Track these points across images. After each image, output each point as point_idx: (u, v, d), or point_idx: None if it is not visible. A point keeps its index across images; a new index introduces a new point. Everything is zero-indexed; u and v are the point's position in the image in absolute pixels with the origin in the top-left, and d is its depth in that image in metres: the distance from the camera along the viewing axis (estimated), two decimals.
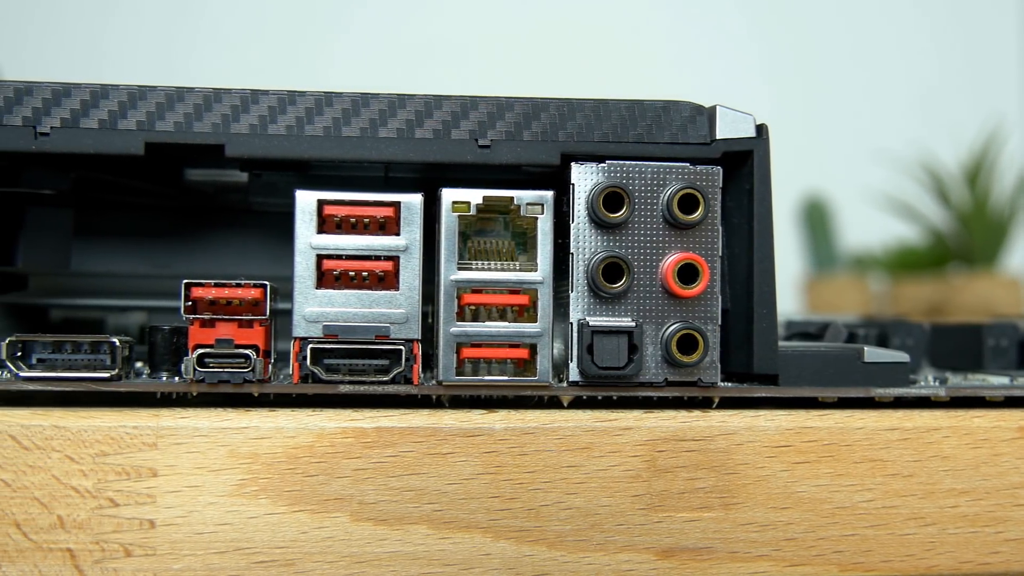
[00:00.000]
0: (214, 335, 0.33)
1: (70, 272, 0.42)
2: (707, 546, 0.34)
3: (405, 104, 0.34)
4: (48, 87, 0.33)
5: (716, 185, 0.35)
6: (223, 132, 0.34)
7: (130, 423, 0.32)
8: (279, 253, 0.43)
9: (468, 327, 0.34)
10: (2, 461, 0.32)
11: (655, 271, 0.35)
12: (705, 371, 0.35)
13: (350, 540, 0.33)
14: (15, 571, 0.32)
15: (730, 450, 0.34)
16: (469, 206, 0.34)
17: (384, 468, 0.33)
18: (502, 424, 0.33)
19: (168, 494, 0.32)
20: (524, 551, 0.33)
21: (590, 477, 0.33)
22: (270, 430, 0.33)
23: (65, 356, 0.34)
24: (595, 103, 0.35)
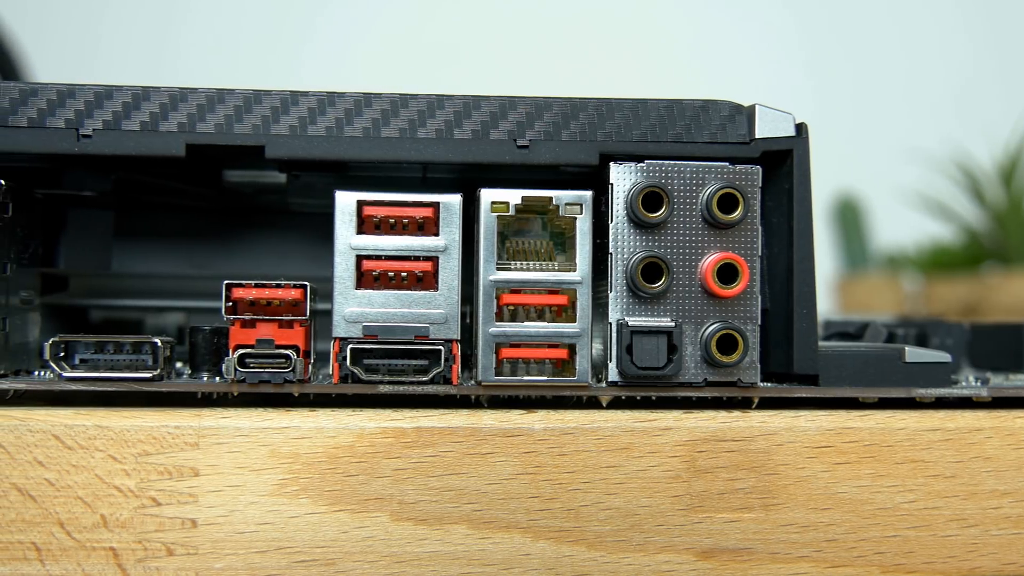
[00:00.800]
0: (255, 335, 0.33)
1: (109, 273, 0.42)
2: (747, 547, 0.34)
3: (444, 104, 0.35)
4: (90, 89, 0.34)
5: (755, 184, 0.35)
6: (263, 133, 0.34)
7: (172, 423, 0.32)
8: (317, 254, 0.43)
9: (507, 327, 0.34)
10: (46, 460, 0.32)
11: (694, 271, 0.34)
12: (745, 371, 0.35)
13: (390, 540, 0.33)
14: (59, 570, 0.32)
15: (770, 450, 0.34)
16: (508, 206, 0.34)
17: (424, 468, 0.33)
18: (541, 424, 0.33)
19: (210, 493, 0.32)
20: (564, 551, 0.33)
21: (630, 477, 0.33)
22: (311, 430, 0.33)
23: (107, 356, 0.34)
24: (633, 103, 0.35)
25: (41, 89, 0.33)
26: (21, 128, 0.33)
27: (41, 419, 0.32)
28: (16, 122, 0.33)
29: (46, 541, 0.32)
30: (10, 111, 0.33)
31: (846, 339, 0.44)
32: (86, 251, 0.40)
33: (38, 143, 0.33)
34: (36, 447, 0.32)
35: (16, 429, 0.32)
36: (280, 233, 0.44)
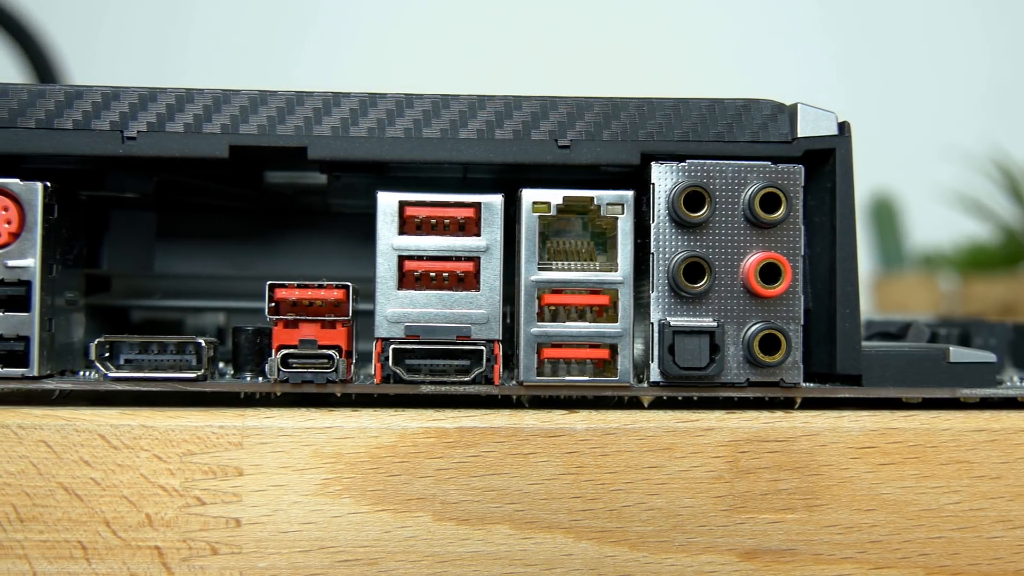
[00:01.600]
0: (297, 336, 0.34)
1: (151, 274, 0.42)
2: (790, 548, 0.34)
3: (485, 105, 0.35)
4: (135, 92, 0.34)
5: (798, 184, 0.34)
6: (305, 135, 0.34)
7: (216, 423, 0.33)
8: (357, 254, 0.43)
9: (549, 327, 0.34)
10: (92, 460, 0.32)
11: (736, 271, 0.34)
12: (787, 371, 0.35)
13: (432, 540, 0.33)
14: (105, 568, 0.32)
15: (813, 451, 0.34)
16: (549, 206, 0.34)
17: (466, 468, 0.33)
18: (583, 424, 0.33)
19: (253, 493, 0.32)
20: (606, 552, 0.33)
21: (672, 478, 0.33)
22: (353, 430, 0.33)
23: (151, 357, 0.34)
24: (675, 102, 0.35)
25: (86, 92, 0.34)
26: (67, 130, 0.34)
27: (87, 419, 0.32)
28: (62, 124, 0.34)
29: (92, 540, 0.32)
30: (56, 113, 0.34)
31: (888, 339, 0.44)
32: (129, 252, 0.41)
33: (83, 145, 0.34)
34: (82, 447, 0.32)
35: (63, 429, 0.32)
36: (320, 234, 0.44)
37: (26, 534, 0.32)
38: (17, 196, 0.33)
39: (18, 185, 0.33)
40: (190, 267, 0.44)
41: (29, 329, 0.33)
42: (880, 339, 0.44)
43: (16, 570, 0.32)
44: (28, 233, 0.33)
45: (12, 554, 0.32)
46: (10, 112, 0.34)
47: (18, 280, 0.33)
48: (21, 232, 0.33)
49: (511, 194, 0.35)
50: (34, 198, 0.33)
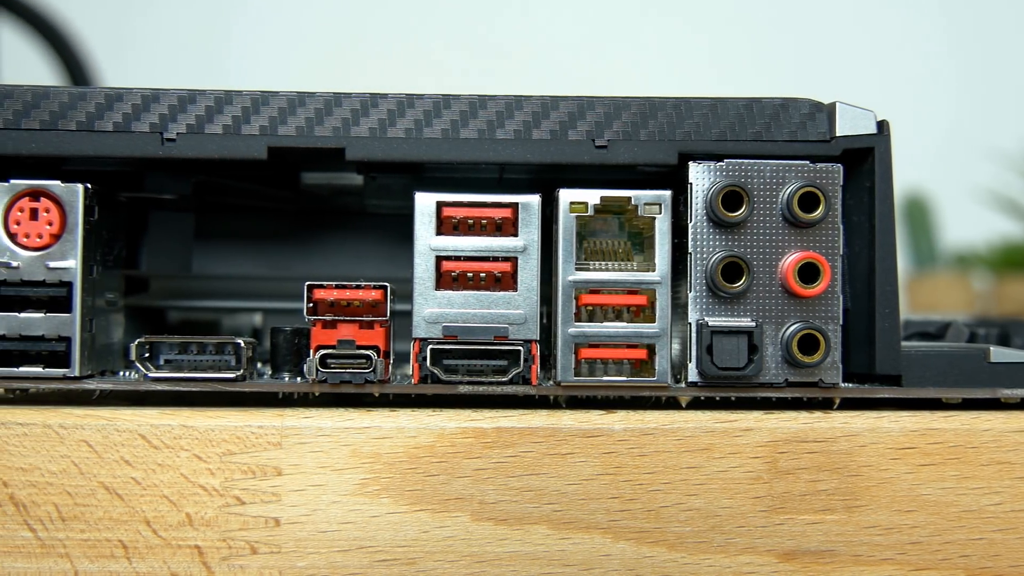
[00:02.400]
0: (336, 336, 0.34)
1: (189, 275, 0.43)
2: (829, 549, 0.33)
3: (522, 105, 0.35)
4: (174, 94, 0.34)
5: (837, 183, 0.34)
6: (343, 136, 0.34)
7: (255, 423, 0.33)
8: (393, 254, 0.43)
9: (586, 327, 0.34)
10: (132, 460, 0.33)
11: (774, 270, 0.34)
12: (826, 371, 0.34)
13: (470, 540, 0.33)
14: (145, 567, 0.32)
15: (853, 452, 0.34)
16: (586, 206, 0.34)
17: (504, 468, 0.33)
18: (621, 425, 0.33)
19: (292, 493, 0.33)
20: (644, 552, 0.33)
21: (710, 478, 0.33)
22: (391, 430, 0.33)
23: (190, 357, 0.35)
24: (712, 101, 0.35)
25: (126, 94, 0.34)
26: (107, 132, 0.34)
27: (128, 419, 0.33)
28: (102, 126, 0.34)
29: (133, 539, 0.33)
30: (96, 116, 0.34)
31: (926, 339, 0.43)
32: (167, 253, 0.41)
33: (123, 147, 0.34)
34: (123, 446, 0.32)
35: (104, 429, 0.32)
36: (357, 234, 0.44)
37: (68, 533, 0.32)
38: (58, 198, 0.33)
39: (59, 187, 0.33)
40: (227, 268, 0.44)
41: (70, 330, 0.33)
42: (918, 339, 0.44)
43: (58, 569, 0.32)
44: (69, 235, 0.33)
45: (54, 553, 0.32)
46: (51, 114, 0.34)
47: (59, 281, 0.33)
48: (62, 234, 0.33)
49: (547, 194, 0.35)
50: (75, 200, 0.33)
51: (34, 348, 0.34)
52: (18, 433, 0.32)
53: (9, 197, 0.33)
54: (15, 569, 0.32)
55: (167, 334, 0.35)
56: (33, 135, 0.34)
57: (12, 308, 0.33)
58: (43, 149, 0.34)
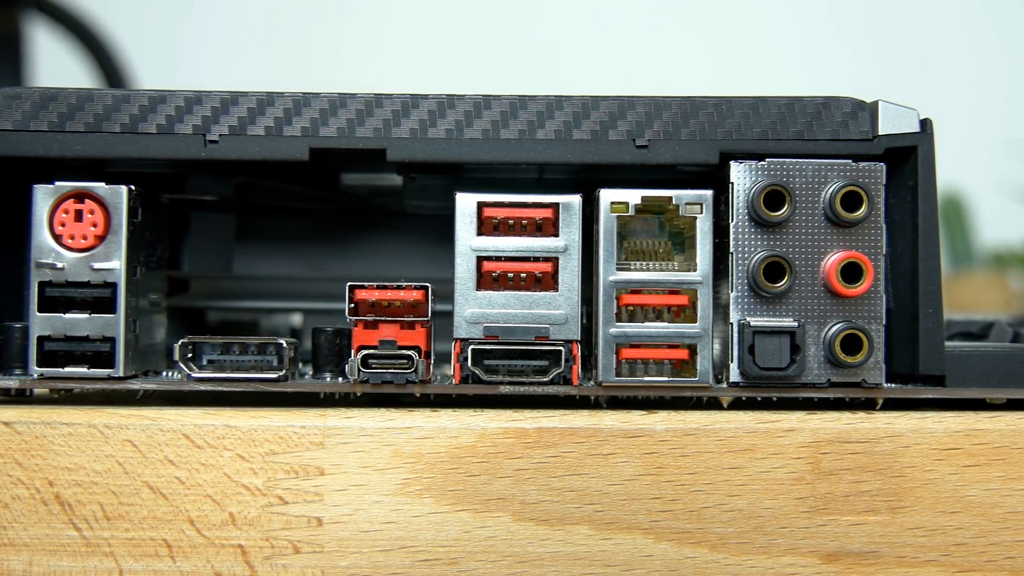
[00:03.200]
0: (377, 336, 0.34)
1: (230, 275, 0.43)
2: (873, 550, 0.33)
3: (563, 105, 0.35)
4: (217, 96, 0.34)
5: (879, 182, 0.34)
6: (384, 136, 0.34)
7: (298, 423, 0.33)
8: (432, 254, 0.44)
9: (627, 327, 0.34)
10: (176, 459, 0.33)
11: (817, 270, 0.34)
12: (869, 372, 0.34)
13: (512, 540, 0.33)
14: (189, 566, 0.33)
15: (896, 452, 0.33)
16: (627, 206, 0.34)
17: (545, 468, 0.33)
18: (663, 425, 0.33)
19: (335, 492, 0.33)
20: (686, 553, 0.33)
21: (752, 479, 0.33)
22: (433, 430, 0.33)
23: (233, 357, 0.35)
24: (753, 100, 0.35)
25: (169, 96, 0.34)
26: (150, 134, 0.34)
27: (171, 419, 0.33)
28: (145, 128, 0.34)
29: (177, 538, 0.33)
30: (140, 118, 0.34)
31: (969, 339, 0.43)
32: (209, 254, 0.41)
33: (167, 149, 0.34)
34: (167, 446, 0.33)
35: (148, 429, 0.33)
36: (396, 235, 0.44)
37: (112, 532, 0.33)
38: (103, 199, 0.34)
39: (103, 189, 0.34)
40: (267, 269, 0.44)
41: (115, 330, 0.34)
42: (961, 339, 0.43)
43: (103, 568, 0.33)
44: (113, 236, 0.34)
45: (99, 552, 0.33)
46: (95, 117, 0.34)
47: (104, 282, 0.34)
48: (106, 235, 0.34)
49: (586, 194, 0.35)
50: (119, 201, 0.34)
51: (79, 348, 0.34)
52: (63, 433, 0.33)
53: (55, 199, 0.34)
54: (60, 568, 0.33)
55: (208, 334, 0.35)
56: (77, 137, 0.34)
57: (57, 309, 0.34)
58: (87, 151, 0.34)
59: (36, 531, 0.33)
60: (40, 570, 0.33)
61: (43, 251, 0.34)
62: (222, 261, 0.42)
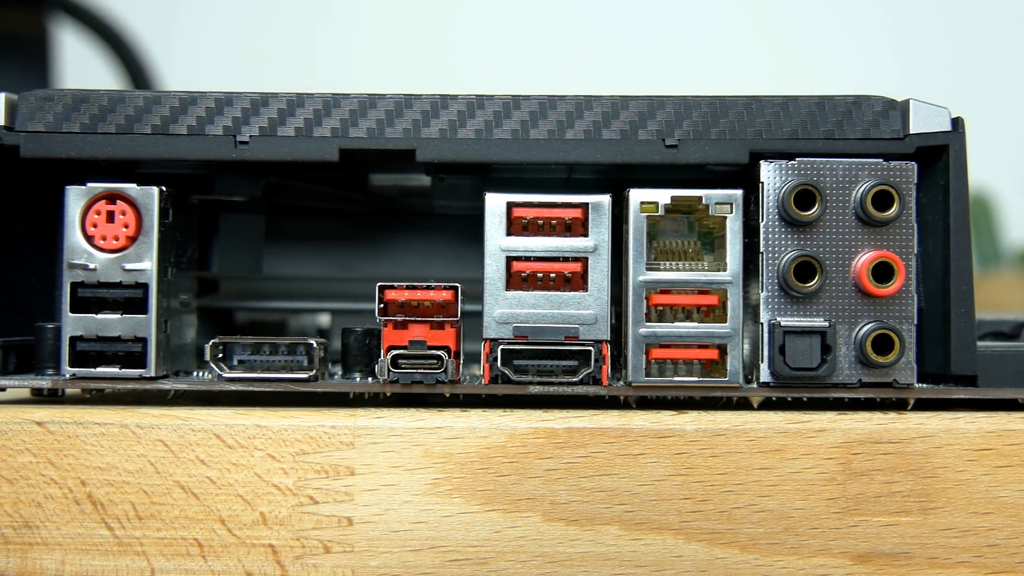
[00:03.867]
0: (407, 336, 0.34)
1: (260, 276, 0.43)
2: (905, 551, 0.33)
3: (592, 105, 0.35)
4: (247, 97, 0.34)
5: (911, 181, 0.34)
6: (414, 137, 0.34)
7: (328, 423, 0.33)
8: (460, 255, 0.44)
9: (657, 327, 0.34)
10: (207, 459, 0.33)
11: (847, 270, 0.34)
12: (901, 372, 0.34)
13: (542, 540, 0.33)
14: (220, 565, 0.33)
15: (928, 453, 0.33)
16: (657, 206, 0.34)
17: (575, 468, 0.33)
18: (693, 425, 0.33)
19: (365, 492, 0.33)
20: (716, 553, 0.33)
21: (783, 479, 0.33)
22: (463, 430, 0.33)
23: (263, 357, 0.35)
24: (783, 100, 0.35)
25: (200, 97, 0.34)
26: (181, 136, 0.34)
27: (203, 419, 0.33)
28: (176, 130, 0.34)
29: (208, 537, 0.33)
30: (171, 119, 0.34)
31: (1001, 339, 0.43)
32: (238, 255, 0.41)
33: (198, 149, 0.34)
34: (198, 446, 0.33)
35: (179, 429, 0.33)
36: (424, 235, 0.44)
37: (144, 531, 0.33)
38: (134, 201, 0.34)
39: (135, 190, 0.34)
40: (296, 269, 0.44)
41: (146, 331, 0.34)
42: (992, 339, 0.43)
43: (135, 567, 0.33)
44: (145, 237, 0.34)
45: (131, 551, 0.33)
46: (127, 118, 0.34)
47: (135, 283, 0.34)
48: (138, 236, 0.34)
49: (615, 194, 0.35)
50: (150, 203, 0.34)
51: (111, 349, 0.34)
52: (96, 433, 0.33)
53: (87, 200, 0.34)
54: (93, 567, 0.33)
55: (238, 335, 0.35)
56: (109, 139, 0.34)
57: (89, 309, 0.34)
58: (119, 152, 0.34)
59: (69, 530, 0.33)
60: (73, 569, 0.33)
61: (75, 252, 0.34)
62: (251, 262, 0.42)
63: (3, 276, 0.36)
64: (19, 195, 0.37)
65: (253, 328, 0.47)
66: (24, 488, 0.33)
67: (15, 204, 0.37)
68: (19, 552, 0.33)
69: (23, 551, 0.33)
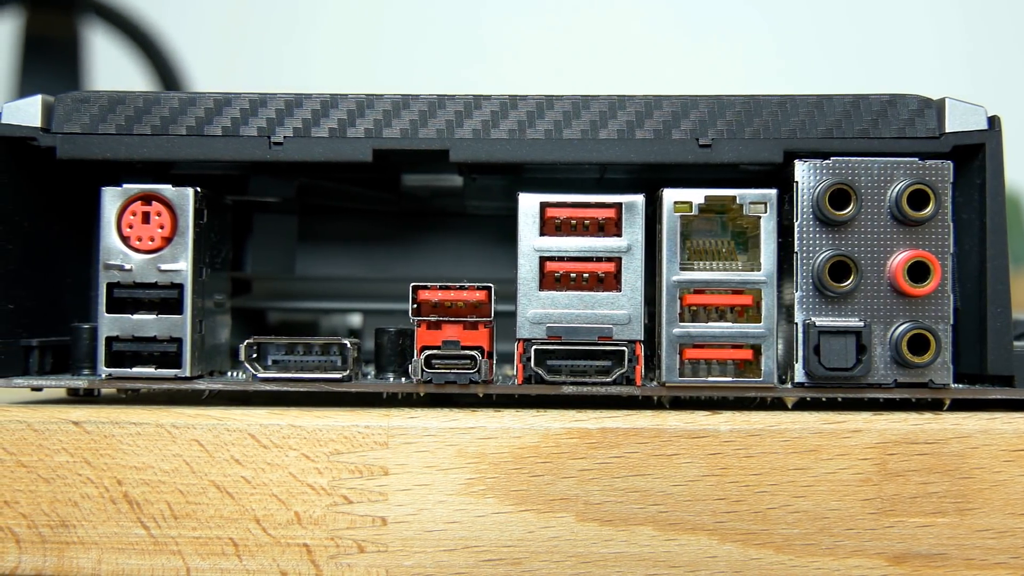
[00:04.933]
0: (440, 337, 0.34)
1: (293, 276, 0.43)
2: (941, 552, 0.33)
3: (625, 105, 0.35)
4: (281, 98, 0.34)
5: (947, 180, 0.34)
6: (447, 137, 0.34)
7: (362, 423, 0.33)
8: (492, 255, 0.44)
9: (691, 328, 0.34)
10: (242, 459, 0.33)
11: (883, 269, 0.34)
12: (936, 372, 0.34)
13: (576, 540, 0.33)
14: (255, 565, 0.33)
15: (964, 453, 0.33)
16: (691, 206, 0.34)
17: (609, 469, 0.33)
18: (727, 426, 0.33)
19: (399, 492, 0.33)
20: (751, 554, 0.33)
21: (818, 480, 0.33)
22: (496, 430, 0.33)
23: (297, 357, 0.35)
24: (817, 98, 0.35)
25: (234, 98, 0.35)
26: (216, 137, 0.34)
27: (238, 419, 0.33)
28: (211, 131, 0.34)
29: (243, 537, 0.33)
30: (205, 120, 0.34)
31: None
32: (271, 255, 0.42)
33: (232, 151, 0.34)
34: (233, 446, 0.33)
35: (214, 428, 0.33)
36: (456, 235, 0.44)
37: (180, 531, 0.33)
38: (169, 202, 0.34)
39: (170, 191, 0.34)
40: (329, 269, 0.45)
41: (182, 331, 0.34)
42: None
43: (170, 566, 0.33)
44: (180, 237, 0.34)
45: (167, 550, 0.33)
46: (162, 120, 0.35)
47: (171, 283, 0.34)
48: (173, 237, 0.34)
49: (648, 194, 0.35)
50: (186, 203, 0.34)
51: (146, 349, 0.34)
52: (132, 432, 0.33)
53: (122, 201, 0.34)
54: (129, 566, 0.33)
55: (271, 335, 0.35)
56: (145, 140, 0.34)
57: (125, 310, 0.34)
58: (154, 154, 0.34)
59: (105, 529, 0.33)
60: (109, 568, 0.33)
61: (111, 253, 0.34)
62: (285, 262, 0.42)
63: (40, 277, 0.37)
64: (55, 196, 0.37)
65: (285, 328, 0.47)
66: (61, 487, 0.33)
67: (51, 205, 0.37)
68: (56, 551, 0.33)
69: (60, 550, 0.33)
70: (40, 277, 0.37)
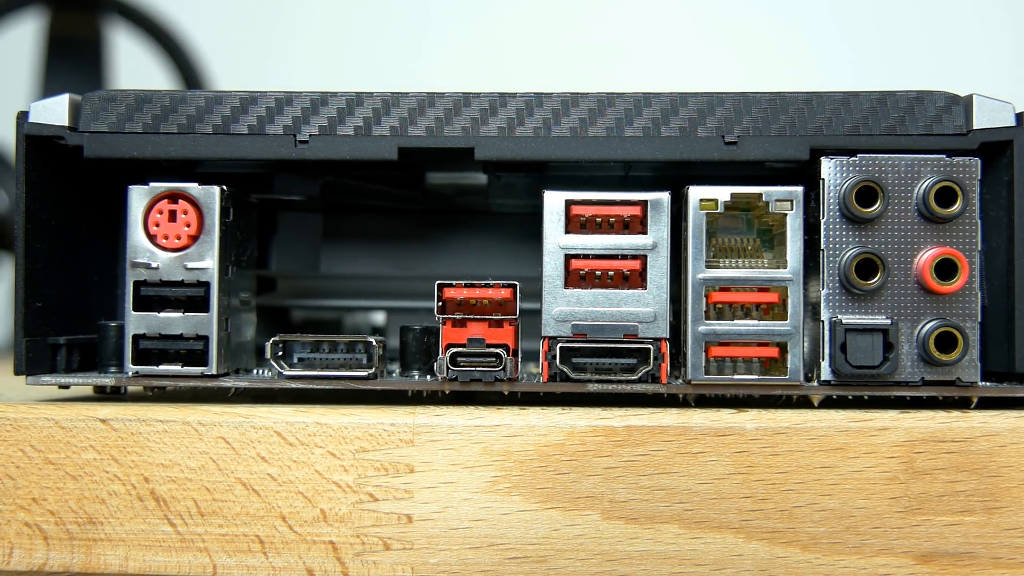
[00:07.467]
0: (466, 335, 0.34)
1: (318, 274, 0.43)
2: (968, 551, 0.33)
3: (650, 102, 0.34)
4: (307, 96, 0.35)
5: (975, 177, 0.33)
6: (472, 135, 0.34)
7: (388, 420, 0.33)
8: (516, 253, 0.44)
9: (717, 325, 0.34)
10: (268, 456, 0.33)
11: (910, 267, 0.34)
12: (964, 370, 0.34)
13: (601, 538, 0.33)
14: (281, 562, 0.33)
15: (992, 452, 0.33)
16: (717, 203, 0.34)
17: (635, 467, 0.33)
18: (753, 424, 0.33)
19: (424, 490, 0.33)
20: (777, 552, 0.33)
21: (845, 478, 0.33)
22: (522, 428, 0.33)
23: (322, 355, 0.35)
24: (844, 95, 0.34)
25: (260, 97, 0.35)
26: (242, 135, 0.35)
27: (264, 416, 0.33)
28: (237, 130, 0.35)
29: (269, 534, 0.33)
30: (231, 119, 0.35)
31: None
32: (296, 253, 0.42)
33: (258, 149, 0.34)
34: (259, 443, 0.33)
35: (240, 426, 0.33)
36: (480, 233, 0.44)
37: (206, 528, 0.33)
38: (196, 200, 0.34)
39: (196, 189, 0.34)
40: (354, 268, 0.45)
41: (208, 329, 0.34)
42: None
43: (197, 563, 0.33)
44: (206, 236, 0.34)
45: (193, 547, 0.33)
46: (188, 118, 0.35)
47: (197, 281, 0.34)
48: (199, 235, 0.34)
49: (673, 191, 0.35)
50: (212, 202, 0.34)
51: (173, 347, 0.34)
52: (158, 430, 0.33)
53: (149, 199, 0.34)
54: (156, 562, 0.33)
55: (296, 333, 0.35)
56: (171, 139, 0.35)
57: (152, 308, 0.34)
58: (181, 152, 0.35)
59: (132, 526, 0.33)
60: (136, 565, 0.33)
61: (138, 251, 0.34)
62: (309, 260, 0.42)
63: (67, 275, 0.37)
64: (82, 195, 0.38)
65: (309, 326, 0.47)
66: (88, 485, 0.33)
67: (79, 204, 0.38)
68: (84, 548, 0.33)
69: (87, 547, 0.33)
70: (67, 275, 0.37)
